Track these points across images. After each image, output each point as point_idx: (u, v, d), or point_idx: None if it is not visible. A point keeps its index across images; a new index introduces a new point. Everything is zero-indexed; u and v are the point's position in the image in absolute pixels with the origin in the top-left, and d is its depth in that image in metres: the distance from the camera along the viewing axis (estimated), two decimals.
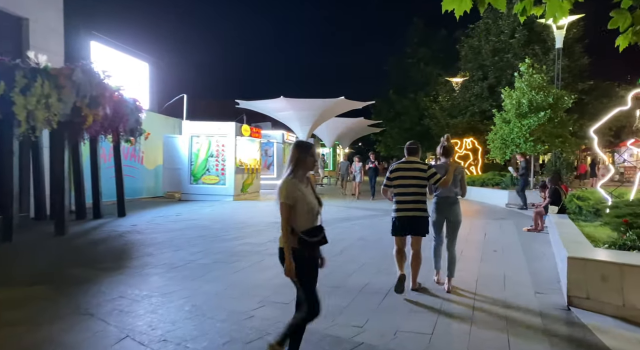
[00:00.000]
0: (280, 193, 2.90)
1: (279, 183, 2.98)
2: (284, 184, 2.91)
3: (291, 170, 2.99)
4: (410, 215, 4.74)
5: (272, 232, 8.96)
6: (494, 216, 11.98)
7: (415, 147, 4.93)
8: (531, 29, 23.32)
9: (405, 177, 4.77)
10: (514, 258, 6.80)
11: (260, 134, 17.26)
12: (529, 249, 7.51)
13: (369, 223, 10.36)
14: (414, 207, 4.73)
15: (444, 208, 5.07)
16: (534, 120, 14.89)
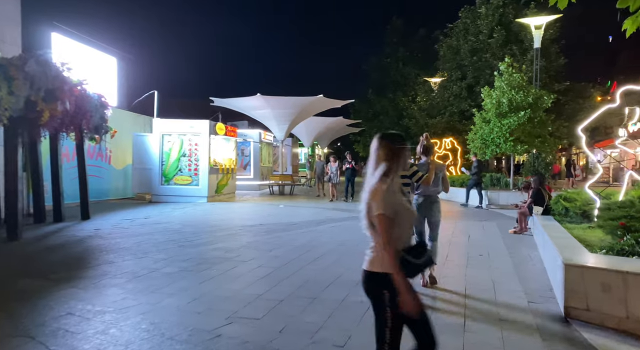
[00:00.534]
0: (375, 202, 2.22)
1: (368, 188, 2.31)
2: (380, 190, 2.23)
3: (386, 170, 2.29)
4: None
5: (247, 236, 8.44)
6: (476, 217, 11.73)
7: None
8: (509, 29, 23.40)
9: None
10: (501, 262, 6.47)
11: (236, 132, 16.67)
12: (514, 252, 7.21)
13: (348, 226, 9.94)
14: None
15: (423, 207, 5.11)
16: (514, 120, 14.77)
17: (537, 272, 5.87)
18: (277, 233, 8.83)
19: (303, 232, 9.01)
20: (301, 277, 5.52)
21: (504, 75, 15.64)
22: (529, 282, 5.35)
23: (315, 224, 10.09)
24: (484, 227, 10.01)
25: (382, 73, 36.00)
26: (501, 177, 16.68)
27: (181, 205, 13.39)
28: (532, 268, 6.13)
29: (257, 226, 9.70)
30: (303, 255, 6.78)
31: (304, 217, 11.38)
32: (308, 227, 9.70)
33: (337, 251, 7.11)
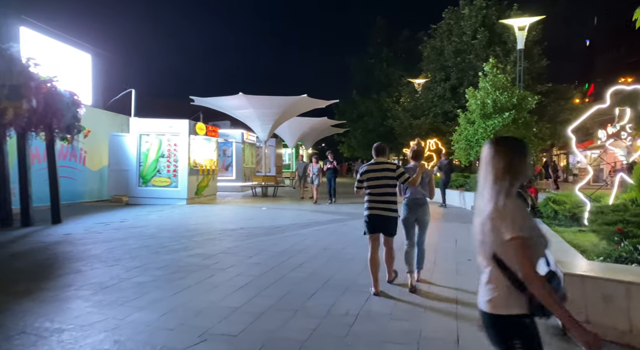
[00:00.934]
0: (505, 223, 1.77)
1: (487, 208, 1.90)
2: (511, 209, 1.78)
3: (509, 184, 1.85)
4: (381, 214, 4.89)
5: (226, 240, 8.06)
6: (462, 219, 11.55)
7: (382, 148, 5.09)
8: (492, 30, 23.44)
9: (375, 178, 4.92)
10: None
11: (217, 132, 16.23)
12: None
13: (333, 229, 9.64)
14: (384, 207, 4.89)
15: (414, 208, 5.19)
16: (499, 121, 14.69)
17: None
18: (259, 237, 8.47)
19: (286, 236, 8.67)
20: (283, 286, 5.19)
21: (488, 76, 15.56)
22: None
23: (299, 228, 9.76)
24: (470, 230, 9.79)
25: (366, 74, 35.88)
26: None
27: (159, 208, 12.91)
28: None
29: (238, 230, 9.33)
30: (285, 261, 6.45)
31: (287, 220, 11.04)
32: (291, 230, 9.37)
33: (322, 257, 6.79)
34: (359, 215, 11.80)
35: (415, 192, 5.17)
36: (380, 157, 5.03)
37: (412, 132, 25.62)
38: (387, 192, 4.89)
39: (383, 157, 5.05)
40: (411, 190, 5.16)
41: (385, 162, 5.01)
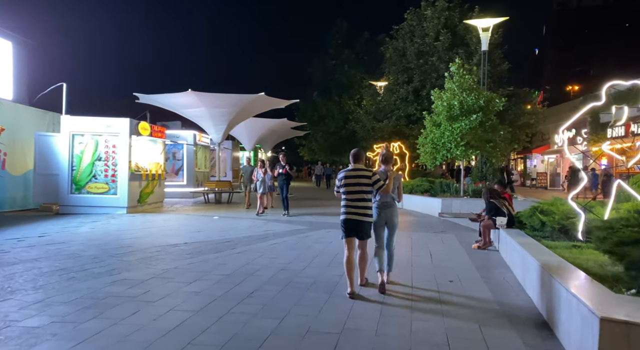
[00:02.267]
0: None
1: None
2: None
3: None
4: (356, 219, 5.01)
5: (164, 260, 6.73)
6: (432, 228, 10.71)
7: (359, 154, 5.21)
8: (455, 32, 23.12)
9: (351, 184, 5.01)
10: (477, 291, 5.30)
11: (164, 133, 14.70)
12: (487, 274, 6.10)
13: (292, 243, 8.48)
14: (360, 212, 5.01)
15: (383, 212, 5.37)
16: (466, 123, 14.04)
17: (525, 306, 4.74)
18: (205, 255, 7.20)
19: (237, 253, 7.43)
20: (226, 328, 4.00)
21: (454, 77, 14.92)
22: (524, 324, 4.17)
23: (253, 241, 8.54)
24: (443, 240, 8.94)
25: (327, 75, 35.03)
26: (451, 184, 15.97)
27: (94, 218, 11.29)
28: (516, 299, 4.99)
29: (181, 246, 7.99)
30: (233, 289, 5.24)
31: (241, 231, 9.79)
32: (244, 245, 8.14)
33: (278, 281, 5.63)
34: (321, 225, 10.73)
35: (384, 196, 5.35)
36: (357, 163, 5.15)
37: (374, 135, 24.89)
38: (362, 198, 5.01)
39: (360, 164, 5.17)
40: (381, 194, 5.30)
41: (361, 169, 5.09)
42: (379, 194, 5.29)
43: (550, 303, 4.07)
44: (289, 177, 12.75)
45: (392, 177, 5.23)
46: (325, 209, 15.25)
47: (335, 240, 8.66)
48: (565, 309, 3.53)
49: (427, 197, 14.84)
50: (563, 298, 3.61)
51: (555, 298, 3.86)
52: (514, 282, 5.70)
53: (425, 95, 23.51)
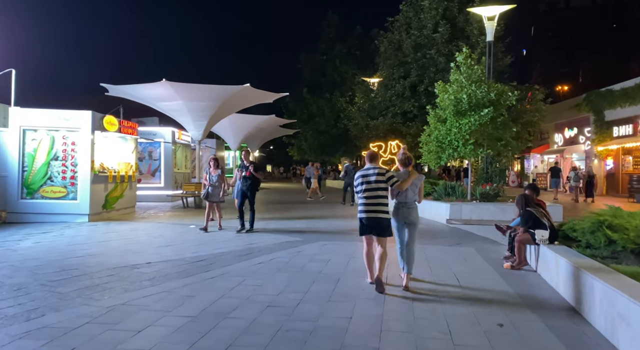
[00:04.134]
0: None
1: None
2: None
3: None
4: (374, 216, 5.20)
5: (114, 291, 5.06)
6: (445, 240, 9.18)
7: (374, 155, 5.57)
8: (454, 24, 21.72)
9: (367, 182, 5.25)
10: (545, 344, 3.76)
11: (135, 129, 12.97)
12: (545, 314, 4.55)
13: (282, 263, 6.87)
14: (377, 209, 5.21)
15: (403, 212, 5.45)
16: (475, 119, 12.57)
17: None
18: (169, 281, 5.57)
19: (211, 278, 5.81)
20: None
21: (461, 68, 13.45)
22: None
23: (234, 259, 6.91)
24: (464, 257, 7.41)
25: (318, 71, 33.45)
26: (456, 186, 14.51)
27: (45, 228, 9.55)
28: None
29: (142, 267, 6.34)
30: (197, 345, 3.62)
31: (220, 245, 8.15)
32: (222, 265, 6.52)
33: (263, 328, 4.02)
34: (315, 236, 9.01)
35: (404, 197, 5.45)
36: (373, 163, 5.43)
37: (368, 133, 23.41)
38: (379, 196, 5.22)
39: (375, 163, 5.42)
40: (401, 194, 5.44)
41: (376, 167, 5.34)
42: (400, 194, 5.44)
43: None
44: (255, 182, 9.46)
45: (411, 178, 5.39)
46: (318, 214, 13.66)
47: (335, 257, 7.09)
48: None
49: (432, 202, 13.34)
50: None
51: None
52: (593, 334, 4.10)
53: (423, 91, 22.10)
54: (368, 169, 5.32)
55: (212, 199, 9.78)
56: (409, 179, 5.34)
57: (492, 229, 10.60)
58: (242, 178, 9.34)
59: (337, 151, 33.27)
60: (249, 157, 9.63)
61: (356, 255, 7.29)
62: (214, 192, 9.77)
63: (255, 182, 9.50)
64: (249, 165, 9.37)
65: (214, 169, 9.79)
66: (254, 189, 9.52)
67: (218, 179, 9.77)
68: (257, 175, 9.48)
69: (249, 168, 9.31)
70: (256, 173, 9.43)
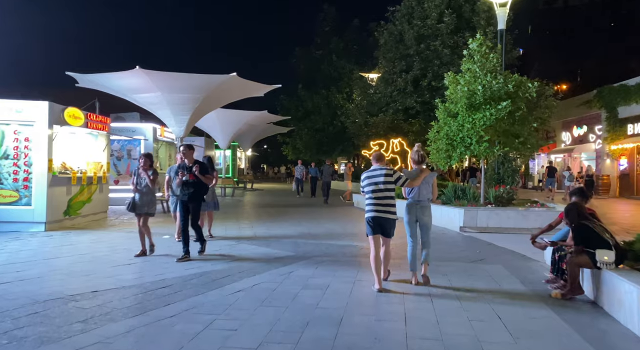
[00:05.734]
0: None
1: None
2: None
3: None
4: (381, 216, 5.24)
5: (26, 344, 3.55)
6: (462, 253, 7.72)
7: (381, 156, 5.56)
8: (460, 14, 20.29)
9: (374, 183, 5.27)
10: None
11: (106, 124, 11.43)
12: None
13: (269, 289, 5.39)
14: (385, 209, 5.25)
15: (416, 210, 5.54)
16: (491, 113, 11.14)
17: None
18: (108, 326, 4.07)
19: (171, 316, 4.33)
20: None
21: (475, 56, 12.01)
22: None
23: (206, 285, 5.41)
24: (494, 279, 5.95)
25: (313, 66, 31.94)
26: (467, 188, 13.07)
27: None
28: None
29: (83, 299, 4.84)
30: None
31: (193, 263, 6.64)
32: (189, 294, 5.03)
33: None
34: (309, 252, 7.28)
35: (417, 195, 5.53)
36: (379, 163, 5.42)
37: (368, 131, 21.96)
38: (386, 196, 5.26)
39: (381, 164, 5.42)
40: (414, 192, 5.53)
41: (383, 168, 5.34)
42: (412, 192, 5.52)
43: None
44: (201, 189, 6.94)
45: (423, 175, 5.45)
46: (313, 220, 12.18)
47: (335, 281, 5.61)
48: None
49: (441, 206, 11.88)
50: None
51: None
52: None
53: (427, 86, 20.69)
54: (375, 170, 5.35)
55: (141, 211, 6.94)
56: (420, 176, 5.45)
57: (515, 239, 9.23)
58: (183, 184, 6.74)
59: (334, 150, 31.81)
60: (192, 154, 6.96)
61: (362, 277, 5.84)
62: (142, 200, 6.93)
63: (200, 189, 6.89)
64: (193, 165, 6.78)
65: (144, 170, 6.93)
66: (198, 198, 6.92)
67: (146, 183, 6.92)
68: (204, 180, 6.82)
69: (192, 169, 6.71)
70: (204, 176, 6.80)
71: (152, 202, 7.09)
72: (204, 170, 6.85)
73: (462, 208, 10.75)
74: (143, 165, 6.97)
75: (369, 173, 5.36)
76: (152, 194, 7.07)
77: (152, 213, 7.09)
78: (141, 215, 6.97)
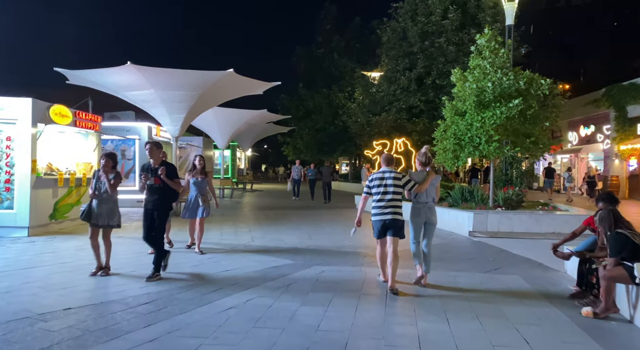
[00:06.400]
0: None
1: None
2: None
3: None
4: (390, 218, 5.28)
5: None
6: (475, 261, 7.15)
7: (391, 158, 5.56)
8: (464, 11, 19.72)
9: (385, 185, 5.33)
10: None
11: (97, 123, 10.89)
12: None
13: (263, 306, 4.83)
14: (393, 211, 5.30)
15: (422, 212, 5.59)
16: (502, 111, 10.58)
17: None
18: None
19: (148, 342, 3.76)
20: None
21: (484, 52, 11.44)
22: None
23: (193, 301, 4.85)
24: (512, 291, 5.38)
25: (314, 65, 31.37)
26: (474, 190, 12.49)
27: None
28: None
29: (53, 318, 4.28)
30: None
31: (180, 275, 6.08)
32: (172, 313, 4.47)
33: None
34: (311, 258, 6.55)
35: (425, 197, 5.58)
36: (389, 166, 5.47)
37: (370, 131, 21.40)
38: (394, 198, 5.32)
39: (391, 166, 5.49)
40: (421, 195, 5.56)
41: (392, 171, 5.43)
42: (418, 194, 5.56)
43: None
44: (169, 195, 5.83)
45: (429, 179, 5.54)
46: (315, 224, 11.62)
47: (338, 296, 5.04)
48: None
49: (449, 209, 11.32)
50: None
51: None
52: None
53: (431, 84, 20.12)
54: (384, 172, 5.43)
55: (98, 221, 5.82)
56: (427, 179, 5.52)
57: (529, 245, 8.66)
58: (148, 188, 5.74)
59: (335, 150, 31.23)
60: (159, 154, 5.81)
61: (368, 291, 5.30)
62: (100, 208, 5.79)
63: (167, 196, 5.79)
64: (159, 167, 5.68)
65: (105, 171, 5.83)
66: (165, 206, 5.81)
67: (95, 185, 5.82)
68: (172, 185, 5.75)
69: (157, 172, 5.63)
70: (172, 181, 5.73)
71: (113, 212, 5.89)
72: (172, 173, 5.79)
73: (472, 211, 10.18)
74: (104, 167, 5.84)
75: (379, 175, 5.42)
76: (114, 201, 5.93)
77: (113, 225, 5.93)
78: (99, 226, 5.86)
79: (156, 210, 5.74)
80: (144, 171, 5.83)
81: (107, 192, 5.83)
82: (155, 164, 5.81)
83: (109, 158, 5.98)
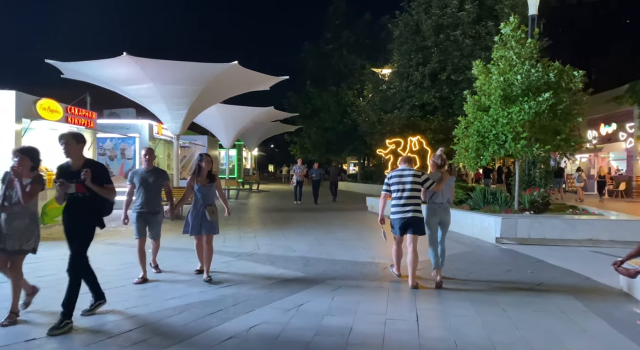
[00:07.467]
0: None
1: None
2: None
3: None
4: (410, 216, 5.42)
5: None
6: (510, 274, 6.25)
7: (411, 159, 5.84)
8: (482, 2, 18.75)
9: (402, 183, 5.47)
10: None
11: (92, 120, 10.11)
12: None
13: (274, 333, 4.00)
14: (413, 209, 5.44)
15: (438, 212, 5.64)
16: (531, 106, 9.67)
17: None
18: None
19: None
20: None
21: (509, 43, 10.54)
22: None
23: (187, 328, 4.02)
24: (568, 316, 4.49)
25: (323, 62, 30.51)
26: (498, 192, 11.57)
27: None
28: None
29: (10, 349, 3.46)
30: None
31: (176, 291, 5.27)
32: (160, 346, 3.63)
33: None
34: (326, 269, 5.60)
35: (441, 198, 5.65)
36: (408, 165, 5.63)
37: (381, 129, 20.51)
38: (413, 196, 5.47)
39: (411, 166, 5.65)
40: (437, 196, 5.63)
41: (411, 170, 5.58)
42: (434, 194, 5.61)
43: None
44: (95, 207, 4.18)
45: (445, 180, 5.62)
46: (326, 229, 10.76)
47: (359, 320, 4.18)
48: None
49: (472, 213, 10.43)
50: None
51: None
52: None
53: (446, 80, 19.18)
54: (403, 170, 5.56)
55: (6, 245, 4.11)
56: (443, 179, 5.61)
57: (566, 254, 7.69)
58: (68, 200, 4.10)
59: (344, 149, 30.33)
60: (80, 150, 4.15)
61: (394, 315, 4.44)
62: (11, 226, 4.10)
63: (97, 208, 4.20)
64: (81, 168, 3.96)
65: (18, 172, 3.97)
66: (92, 223, 4.20)
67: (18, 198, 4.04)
68: (102, 193, 4.11)
69: (80, 176, 3.91)
70: (102, 187, 4.09)
71: (30, 231, 4.17)
72: (101, 176, 4.12)
73: (499, 216, 9.25)
74: (18, 168, 3.95)
75: (398, 173, 5.56)
76: (30, 216, 4.19)
77: (28, 249, 4.21)
78: (7, 252, 4.10)
79: (77, 232, 4.10)
80: (60, 177, 4.04)
81: (20, 204, 4.01)
82: (77, 165, 4.05)
83: (25, 155, 4.08)
